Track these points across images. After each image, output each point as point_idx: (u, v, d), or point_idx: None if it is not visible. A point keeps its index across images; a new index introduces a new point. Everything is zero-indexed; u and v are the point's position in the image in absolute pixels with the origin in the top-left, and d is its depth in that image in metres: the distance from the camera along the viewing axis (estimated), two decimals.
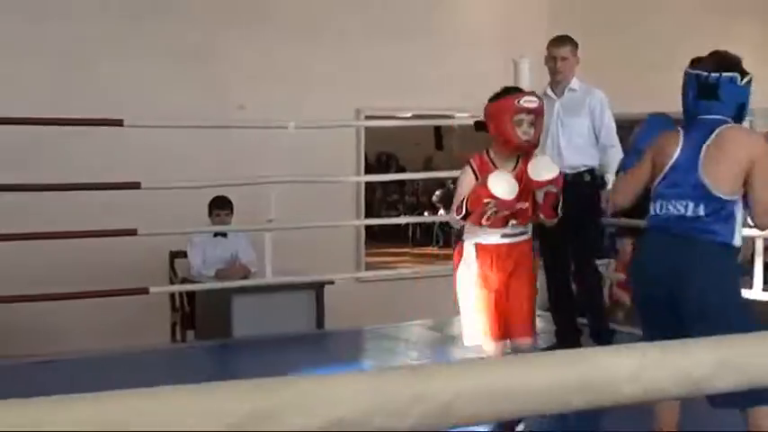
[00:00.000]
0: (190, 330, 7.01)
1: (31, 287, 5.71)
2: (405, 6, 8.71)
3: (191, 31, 7.81)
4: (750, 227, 3.84)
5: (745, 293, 4.22)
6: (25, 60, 7.23)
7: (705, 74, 3.42)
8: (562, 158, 5.26)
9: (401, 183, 15.78)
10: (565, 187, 5.34)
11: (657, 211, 3.56)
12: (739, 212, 3.47)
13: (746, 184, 3.41)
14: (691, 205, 3.43)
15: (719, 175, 3.41)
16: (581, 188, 5.33)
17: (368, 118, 8.48)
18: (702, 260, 3.46)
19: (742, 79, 3.44)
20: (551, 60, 5.41)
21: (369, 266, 9.27)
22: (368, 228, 9.13)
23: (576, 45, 5.45)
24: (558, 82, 5.42)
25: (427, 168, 14.18)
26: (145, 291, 5.83)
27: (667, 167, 3.52)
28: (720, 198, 3.40)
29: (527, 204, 4.07)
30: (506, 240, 4.10)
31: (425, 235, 15.25)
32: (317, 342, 6.37)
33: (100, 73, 7.50)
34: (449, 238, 14.23)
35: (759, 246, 5.95)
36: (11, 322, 6.44)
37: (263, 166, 6.36)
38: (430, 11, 8.89)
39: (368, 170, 10.20)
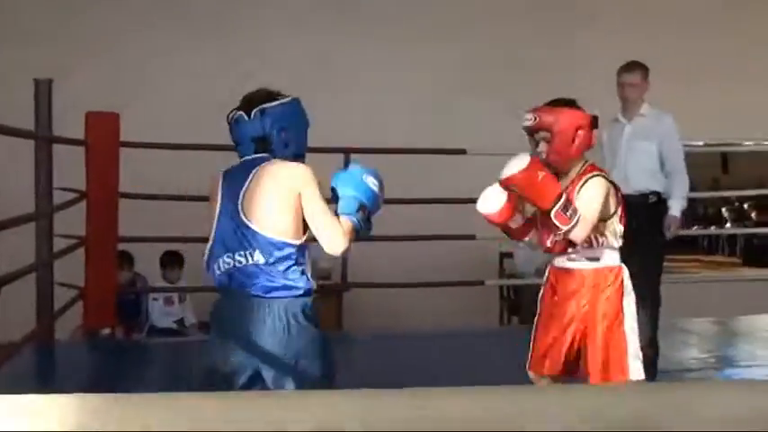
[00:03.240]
0: (514, 316, 7.02)
1: (394, 277, 5.90)
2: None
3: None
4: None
5: None
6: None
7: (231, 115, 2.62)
8: (628, 182, 4.31)
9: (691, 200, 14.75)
10: (629, 208, 4.53)
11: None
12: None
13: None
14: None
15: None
16: (644, 210, 4.36)
17: None
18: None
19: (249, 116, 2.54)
20: (620, 86, 4.49)
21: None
22: None
23: (646, 71, 4.49)
24: (627, 107, 4.50)
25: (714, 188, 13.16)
26: (481, 283, 5.87)
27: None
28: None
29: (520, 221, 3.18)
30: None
31: (713, 245, 14.35)
32: None
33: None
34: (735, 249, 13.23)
35: None
36: (371, 303, 6.65)
37: None
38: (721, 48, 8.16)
39: None
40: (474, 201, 5.93)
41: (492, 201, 3.08)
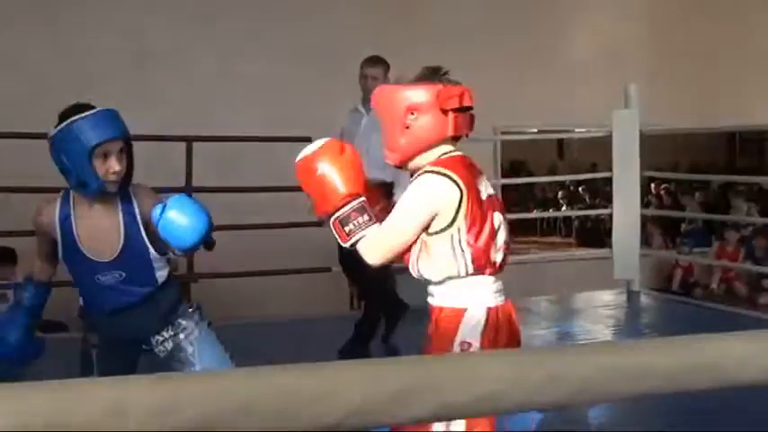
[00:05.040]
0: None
1: (243, 265, 5.88)
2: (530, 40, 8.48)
3: None
4: None
5: None
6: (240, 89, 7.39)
7: None
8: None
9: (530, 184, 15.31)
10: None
11: None
12: None
13: None
14: None
15: None
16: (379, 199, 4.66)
17: (503, 133, 8.32)
18: None
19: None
20: (363, 78, 4.61)
21: None
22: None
23: (387, 67, 4.60)
24: (367, 99, 4.51)
25: (551, 173, 13.97)
26: (328, 269, 5.92)
27: None
28: None
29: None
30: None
31: (550, 227, 15.06)
32: None
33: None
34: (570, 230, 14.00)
35: None
36: (221, 294, 6.61)
37: None
38: (553, 45, 8.65)
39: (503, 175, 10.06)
40: None
41: None
